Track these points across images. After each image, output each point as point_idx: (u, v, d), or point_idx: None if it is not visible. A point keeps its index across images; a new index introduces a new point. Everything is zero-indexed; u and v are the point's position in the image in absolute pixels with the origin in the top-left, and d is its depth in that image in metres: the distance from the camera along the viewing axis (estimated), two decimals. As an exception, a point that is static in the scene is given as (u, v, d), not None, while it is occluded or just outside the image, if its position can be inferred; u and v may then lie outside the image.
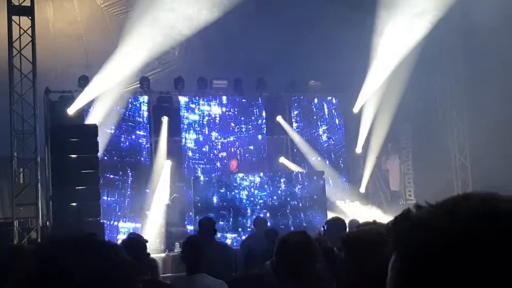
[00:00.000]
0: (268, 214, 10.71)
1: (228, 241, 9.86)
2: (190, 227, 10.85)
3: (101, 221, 9.86)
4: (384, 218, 11.53)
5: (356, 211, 11.11)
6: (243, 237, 9.21)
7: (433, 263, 0.65)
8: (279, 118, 12.89)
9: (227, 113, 12.77)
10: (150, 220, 10.98)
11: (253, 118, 12.96)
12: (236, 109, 12.83)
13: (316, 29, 11.58)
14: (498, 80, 10.09)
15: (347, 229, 5.23)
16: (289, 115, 13.20)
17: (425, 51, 11.26)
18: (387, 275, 0.73)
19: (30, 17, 9.93)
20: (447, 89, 12.42)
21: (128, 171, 11.93)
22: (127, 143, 12.05)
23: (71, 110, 10.82)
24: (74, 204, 9.46)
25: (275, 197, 11.18)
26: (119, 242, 4.11)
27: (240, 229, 10.69)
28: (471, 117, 11.77)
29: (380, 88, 12.04)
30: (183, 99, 12.39)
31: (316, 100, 13.43)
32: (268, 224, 8.56)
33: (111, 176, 11.61)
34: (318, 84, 13.08)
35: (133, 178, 11.90)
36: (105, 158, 11.34)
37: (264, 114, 12.91)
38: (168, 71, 12.74)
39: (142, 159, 12.14)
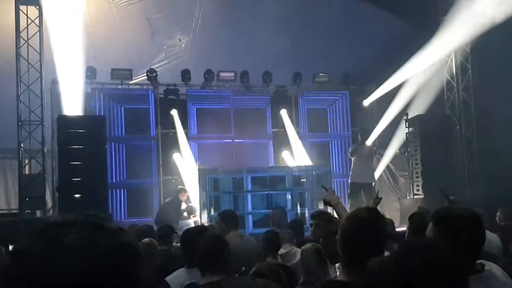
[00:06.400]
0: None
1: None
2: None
3: (109, 213, 9.75)
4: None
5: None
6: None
7: None
8: (282, 112, 12.71)
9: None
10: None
11: (259, 110, 12.82)
12: (242, 102, 12.67)
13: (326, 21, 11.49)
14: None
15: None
16: (295, 108, 13.04)
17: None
18: None
19: (37, 7, 9.85)
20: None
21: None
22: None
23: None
24: (80, 195, 9.32)
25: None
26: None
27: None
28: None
29: (395, 84, 12.05)
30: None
31: (323, 94, 13.28)
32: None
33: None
34: (326, 77, 12.95)
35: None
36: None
37: (270, 107, 12.74)
38: (175, 63, 12.63)
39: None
